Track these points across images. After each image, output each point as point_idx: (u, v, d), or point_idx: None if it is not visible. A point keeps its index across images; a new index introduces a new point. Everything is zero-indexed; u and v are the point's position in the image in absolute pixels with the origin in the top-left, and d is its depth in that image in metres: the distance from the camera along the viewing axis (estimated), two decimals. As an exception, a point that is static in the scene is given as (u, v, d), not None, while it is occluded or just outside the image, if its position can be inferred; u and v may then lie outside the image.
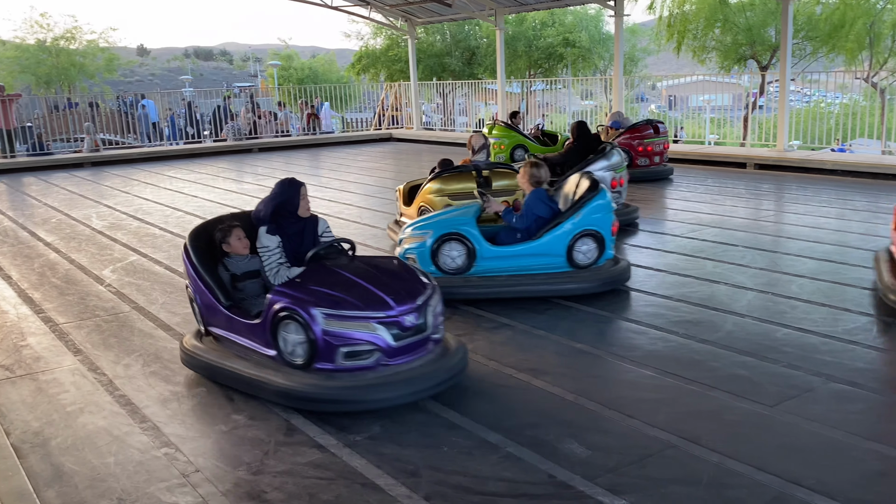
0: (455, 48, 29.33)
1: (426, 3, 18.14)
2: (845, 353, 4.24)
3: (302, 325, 3.65)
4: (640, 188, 10.11)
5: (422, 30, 26.75)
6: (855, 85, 20.53)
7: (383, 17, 20.38)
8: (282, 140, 19.01)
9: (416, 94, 20.63)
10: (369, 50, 30.33)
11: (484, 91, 22.35)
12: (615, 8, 14.63)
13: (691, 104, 27.07)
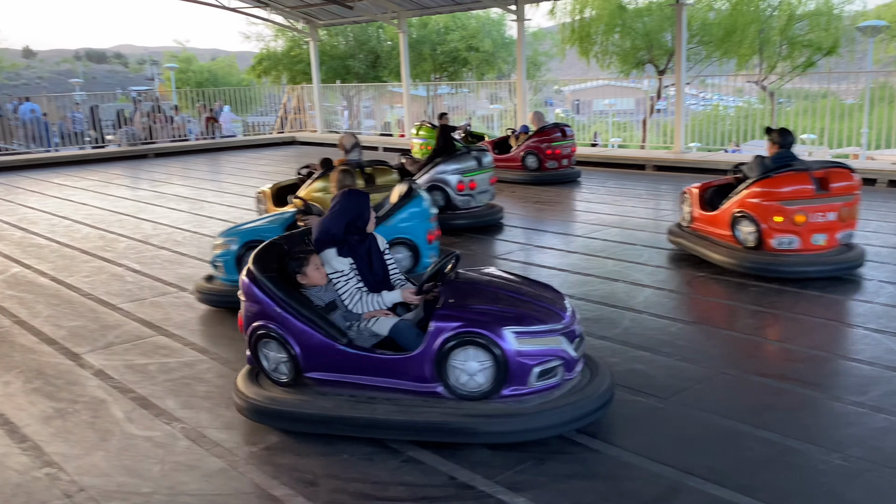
0: (359, 50, 29.14)
1: (327, 5, 17.92)
2: (737, 344, 4.39)
3: (484, 347, 3.19)
4: (549, 191, 10.33)
5: (324, 32, 26.45)
6: (749, 88, 21.57)
7: (283, 19, 20.03)
8: (179, 145, 18.40)
9: (318, 97, 20.37)
10: (270, 52, 29.77)
11: (390, 94, 22.29)
12: (517, 13, 14.84)
13: (596, 108, 27.86)
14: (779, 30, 22.50)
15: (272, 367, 3.56)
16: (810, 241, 5.67)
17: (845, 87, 16.93)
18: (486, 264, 6.47)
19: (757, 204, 5.76)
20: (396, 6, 17.02)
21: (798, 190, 5.66)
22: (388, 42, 29.22)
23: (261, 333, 3.54)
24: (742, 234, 5.88)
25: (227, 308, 5.17)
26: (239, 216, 9.11)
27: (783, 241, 5.69)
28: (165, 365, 4.37)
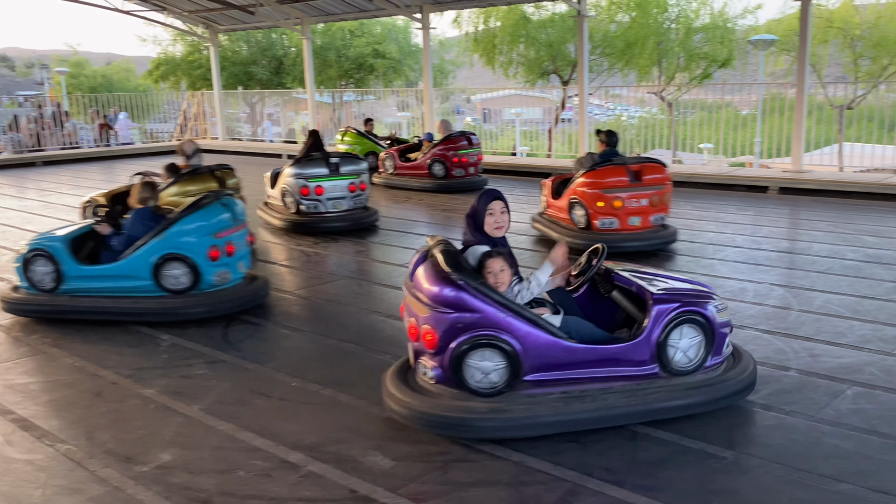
0: (262, 57, 28.56)
1: (228, 9, 17.50)
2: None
3: (698, 324, 3.50)
4: (452, 198, 10.36)
5: (225, 37, 25.84)
6: (651, 99, 22.32)
7: (182, 24, 19.44)
8: (71, 153, 17.55)
9: (220, 103, 19.85)
10: (168, 56, 28.82)
11: (295, 101, 21.94)
12: (422, 21, 14.88)
13: (504, 117, 28.23)
14: (677, 42, 23.40)
15: (479, 378, 3.34)
16: (627, 222, 6.90)
17: (741, 99, 17.77)
18: (349, 263, 6.43)
19: (585, 192, 6.96)
20: (300, 12, 16.80)
21: (616, 180, 6.87)
22: (291, 48, 28.78)
23: (475, 344, 3.30)
24: (576, 216, 7.07)
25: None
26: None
27: (605, 222, 6.91)
28: (49, 384, 4.12)
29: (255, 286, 5.44)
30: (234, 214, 5.38)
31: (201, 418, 3.64)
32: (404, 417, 3.41)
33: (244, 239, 5.48)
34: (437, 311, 3.33)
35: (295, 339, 4.76)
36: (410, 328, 3.52)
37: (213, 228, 5.20)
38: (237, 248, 5.32)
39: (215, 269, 5.19)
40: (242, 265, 5.45)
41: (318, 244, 7.69)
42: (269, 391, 3.95)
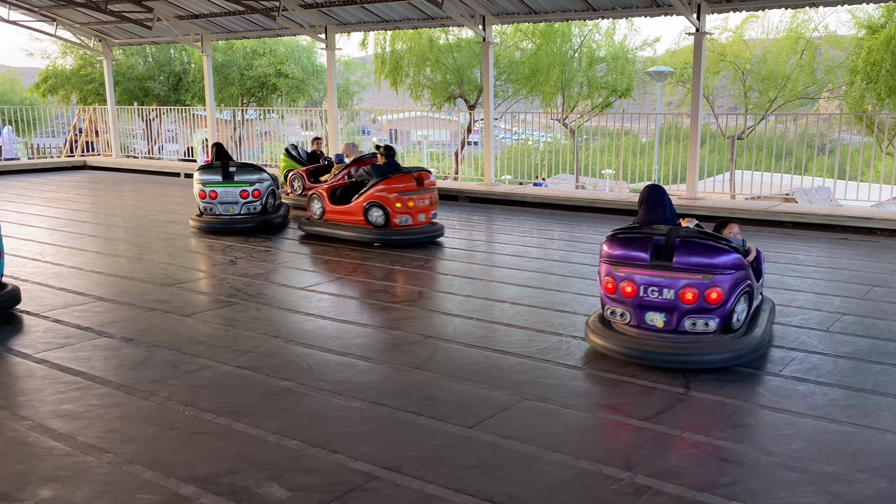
0: (159, 72, 27.69)
1: (123, 23, 16.89)
2: (538, 371, 4.52)
3: None
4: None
5: (120, 51, 24.93)
6: (556, 125, 22.89)
7: (73, 36, 18.62)
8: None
9: (113, 119, 19.09)
10: (57, 69, 27.53)
11: (193, 117, 21.34)
12: (326, 41, 14.78)
13: (412, 139, 28.25)
14: (580, 72, 24.15)
15: (738, 319, 4.62)
16: (417, 218, 8.58)
17: (640, 127, 18.46)
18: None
19: (384, 196, 8.45)
20: (200, 28, 16.40)
21: (407, 186, 8.50)
22: (191, 64, 28.03)
23: (744, 292, 4.61)
24: (373, 217, 8.48)
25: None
26: (16, 248, 8.23)
27: (402, 220, 8.48)
28: (-87, 419, 3.79)
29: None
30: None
31: (85, 450, 3.42)
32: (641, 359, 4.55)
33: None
34: (724, 275, 4.43)
35: (189, 365, 4.56)
36: (684, 294, 4.47)
37: None
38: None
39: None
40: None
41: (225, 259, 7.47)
42: (160, 421, 3.76)
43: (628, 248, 4.66)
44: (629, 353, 4.58)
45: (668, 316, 4.54)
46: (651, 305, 4.57)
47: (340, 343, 5.06)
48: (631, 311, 4.66)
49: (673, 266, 4.49)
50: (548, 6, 12.16)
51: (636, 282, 4.58)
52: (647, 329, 4.64)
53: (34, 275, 6.94)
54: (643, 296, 4.57)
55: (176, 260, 7.88)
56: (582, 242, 8.96)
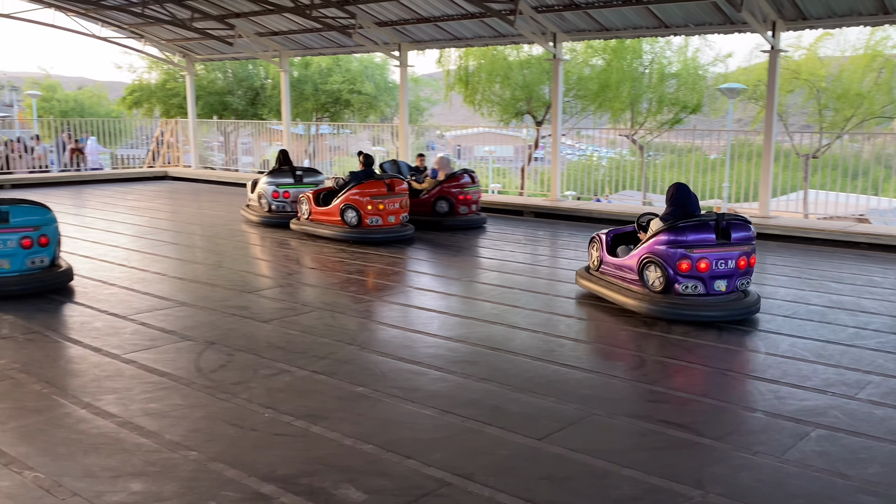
0: (238, 87, 28.62)
1: (206, 40, 17.59)
2: (605, 386, 4.55)
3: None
4: (454, 236, 10.37)
5: (202, 66, 25.88)
6: (622, 141, 22.73)
7: (159, 52, 19.45)
8: (39, 176, 17.36)
9: (194, 132, 19.83)
10: (143, 83, 28.76)
11: (269, 131, 21.99)
12: (400, 58, 15.08)
13: (477, 154, 28.46)
14: (650, 88, 23.95)
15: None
16: (388, 219, 9.55)
17: (709, 143, 18.18)
18: (368, 307, 6.45)
19: (357, 199, 9.47)
20: (278, 45, 16.93)
21: (379, 191, 9.48)
22: (268, 80, 28.88)
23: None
24: (348, 218, 9.51)
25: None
26: (104, 253, 8.66)
27: (372, 220, 9.48)
28: (18, 410, 4.05)
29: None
30: None
31: (172, 448, 3.61)
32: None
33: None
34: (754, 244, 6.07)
35: (267, 370, 4.74)
36: (740, 261, 5.93)
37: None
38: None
39: None
40: None
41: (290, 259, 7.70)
42: (241, 422, 3.93)
43: (697, 232, 5.86)
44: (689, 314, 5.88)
45: (728, 281, 5.92)
46: (719, 275, 5.87)
47: (411, 352, 5.18)
48: (704, 282, 5.88)
49: (731, 242, 5.90)
50: (619, 23, 12.15)
51: (709, 258, 5.80)
52: (714, 294, 5.91)
53: (121, 279, 7.29)
54: (715, 268, 5.84)
55: (253, 268, 8.16)
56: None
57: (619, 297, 6.32)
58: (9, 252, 6.48)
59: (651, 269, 6.02)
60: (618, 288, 6.40)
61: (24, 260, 6.55)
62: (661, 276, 5.95)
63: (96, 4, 15.72)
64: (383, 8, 13.78)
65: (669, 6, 11.15)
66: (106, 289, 6.89)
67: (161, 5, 15.69)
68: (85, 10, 16.80)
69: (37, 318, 5.91)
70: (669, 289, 5.91)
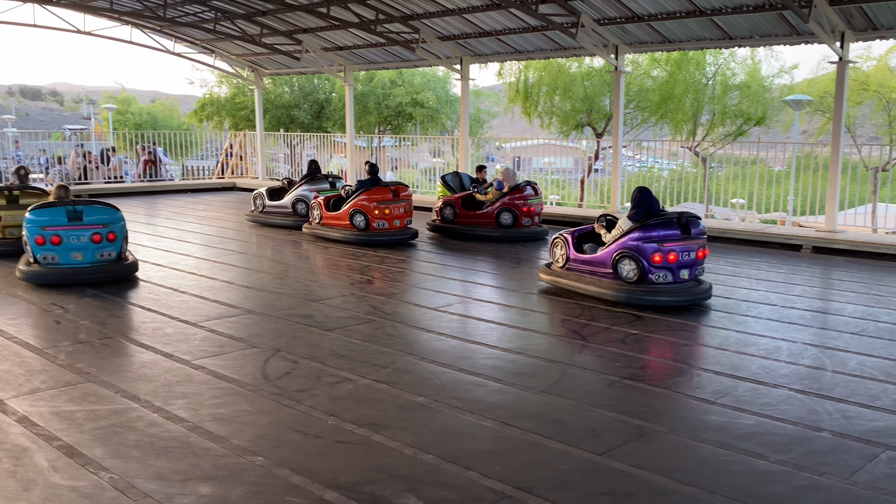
0: (304, 101, 29.26)
1: (274, 55, 18.06)
2: (668, 402, 4.50)
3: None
4: (514, 248, 10.40)
5: (269, 80, 26.52)
6: (683, 152, 22.41)
7: (229, 66, 20.05)
8: (115, 186, 18.04)
9: (261, 144, 20.34)
10: (214, 97, 29.65)
11: (332, 144, 22.40)
12: (461, 72, 15.21)
13: (535, 165, 28.37)
14: (713, 99, 23.56)
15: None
16: (393, 223, 10.34)
17: (773, 155, 17.78)
18: (420, 316, 6.53)
19: (365, 205, 10.26)
20: (343, 59, 17.26)
21: (384, 196, 10.27)
22: (332, 94, 29.43)
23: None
24: (356, 221, 10.31)
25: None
26: (175, 261, 8.97)
27: (379, 224, 10.26)
28: (94, 412, 4.24)
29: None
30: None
31: (239, 453, 3.72)
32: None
33: None
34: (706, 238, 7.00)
35: (330, 377, 4.84)
36: (699, 252, 6.92)
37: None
38: None
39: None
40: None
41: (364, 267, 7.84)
42: (305, 428, 4.03)
43: (665, 229, 6.74)
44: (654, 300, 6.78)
45: (690, 270, 6.87)
46: (684, 265, 6.81)
47: (471, 363, 5.22)
48: (672, 272, 6.76)
49: (692, 236, 6.83)
50: (682, 35, 12.02)
51: (677, 251, 6.72)
52: (680, 282, 6.82)
53: (191, 287, 7.54)
54: (681, 259, 6.76)
55: (317, 278, 8.33)
56: (711, 273, 8.73)
57: (593, 288, 7.11)
58: (81, 246, 7.53)
59: (626, 262, 6.88)
60: (590, 280, 7.18)
61: (94, 253, 7.61)
62: (635, 268, 6.79)
63: (171, 21, 16.31)
64: (446, 22, 13.94)
65: (734, 17, 10.99)
66: (177, 296, 7.13)
67: (232, 21, 16.20)
68: (160, 26, 17.46)
69: (111, 323, 6.16)
70: (643, 279, 6.76)
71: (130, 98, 43.65)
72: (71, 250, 7.48)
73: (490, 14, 13.04)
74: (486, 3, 12.58)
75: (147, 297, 7.08)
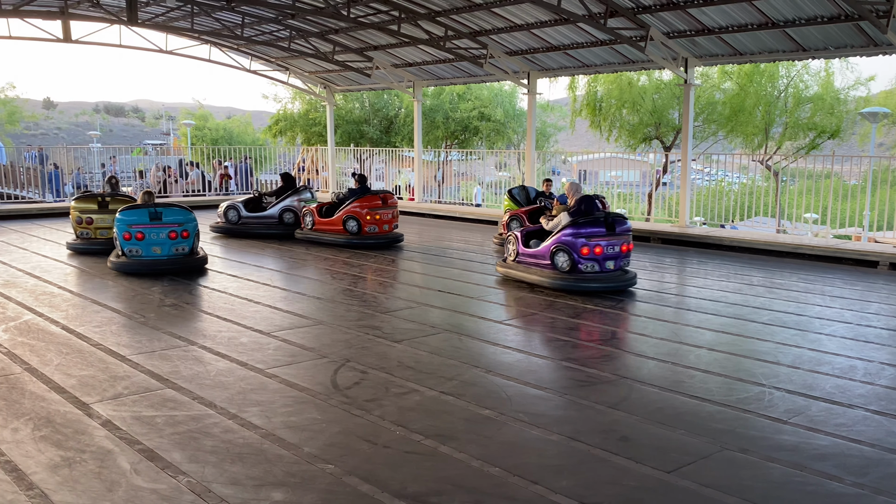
0: (374, 116, 29.77)
1: (345, 71, 18.45)
2: (738, 421, 4.43)
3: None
4: None
5: (340, 97, 27.08)
6: (753, 166, 21.89)
7: (302, 83, 20.57)
8: (193, 199, 18.68)
9: (332, 159, 20.76)
10: (287, 113, 30.43)
11: (400, 158, 22.72)
12: (528, 86, 15.25)
13: (600, 179, 28.17)
14: (786, 112, 22.99)
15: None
16: (383, 228, 11.55)
17: (848, 169, 17.19)
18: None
19: (358, 211, 11.44)
20: (412, 75, 17.52)
21: (375, 203, 11.48)
22: (401, 109, 29.85)
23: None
24: (349, 226, 11.49)
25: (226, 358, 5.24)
26: (249, 272, 9.24)
27: (371, 228, 11.46)
28: (172, 418, 4.42)
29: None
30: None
31: (310, 460, 3.83)
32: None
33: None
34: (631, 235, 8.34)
35: (398, 388, 4.93)
36: (622, 247, 8.26)
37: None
38: None
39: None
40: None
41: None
42: (374, 438, 4.12)
43: (593, 227, 8.08)
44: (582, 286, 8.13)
45: (615, 262, 8.19)
46: (609, 257, 8.12)
47: (536, 377, 5.23)
48: (599, 262, 8.08)
49: (616, 233, 8.16)
50: (754, 47, 11.79)
51: (602, 245, 8.04)
52: (607, 272, 8.16)
53: (265, 298, 7.77)
54: (606, 252, 8.09)
55: (386, 290, 8.46)
56: (783, 290, 8.54)
57: (536, 277, 8.41)
58: (161, 241, 9.06)
59: (560, 255, 8.23)
60: (535, 271, 8.49)
61: (170, 247, 9.12)
62: (567, 260, 8.12)
63: (248, 40, 16.85)
64: (513, 38, 14.02)
65: (808, 29, 10.74)
66: (251, 306, 7.36)
67: (306, 39, 16.65)
68: (237, 45, 18.06)
69: (190, 333, 6.40)
70: (575, 269, 8.08)
71: (207, 114, 45.14)
72: (152, 245, 9.01)
73: (558, 29, 13.06)
74: (554, 19, 12.60)
75: (223, 308, 7.33)
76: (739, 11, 10.85)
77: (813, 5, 10.17)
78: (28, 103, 47.11)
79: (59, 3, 14.64)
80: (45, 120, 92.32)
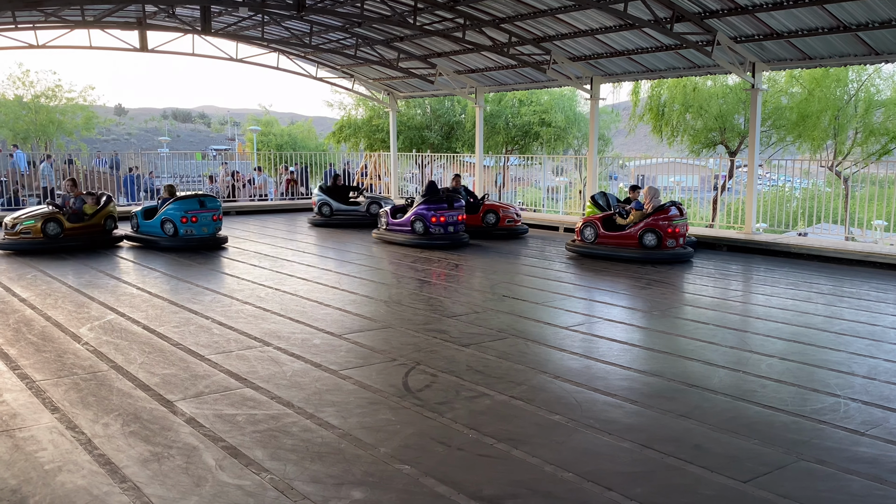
0: (435, 122, 29.99)
1: (408, 78, 18.67)
2: (814, 432, 4.38)
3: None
4: (655, 270, 10.24)
5: (403, 103, 27.37)
6: (817, 171, 21.32)
7: (366, 90, 20.89)
8: (259, 204, 19.14)
9: (395, 164, 21.01)
10: (351, 119, 30.88)
11: (460, 163, 22.84)
12: (591, 91, 15.19)
13: (660, 184, 27.78)
14: (855, 117, 22.35)
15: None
16: (448, 229, 12.56)
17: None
18: (547, 335, 6.60)
19: (423, 213, 12.41)
20: (475, 82, 17.62)
21: (440, 206, 12.48)
22: (463, 115, 30.00)
23: None
24: (416, 227, 12.48)
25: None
26: (318, 276, 9.44)
27: (436, 229, 12.58)
28: (253, 416, 4.58)
29: None
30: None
31: (387, 461, 3.94)
32: None
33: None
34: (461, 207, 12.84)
35: (468, 392, 5.01)
36: (458, 217, 12.67)
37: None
38: None
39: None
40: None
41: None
42: (448, 440, 4.20)
43: (438, 204, 12.28)
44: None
45: (454, 227, 12.44)
46: (449, 223, 12.32)
47: (605, 384, 5.25)
48: (444, 227, 12.26)
49: (454, 207, 12.34)
50: (824, 51, 11.53)
51: (445, 215, 12.20)
52: (448, 234, 12.39)
53: (335, 301, 7.95)
54: (448, 221, 12.19)
55: (451, 294, 8.56)
56: (855, 298, 8.34)
57: (400, 238, 12.59)
58: (208, 223, 11.99)
59: (417, 223, 12.38)
60: (399, 235, 12.65)
61: (214, 227, 12.08)
62: (422, 226, 12.32)
63: (315, 48, 17.22)
64: (577, 43, 14.00)
65: (881, 32, 10.46)
66: (322, 309, 7.55)
67: (371, 47, 16.92)
68: (305, 53, 18.45)
69: (264, 334, 6.60)
70: (427, 232, 12.26)
71: (273, 120, 46.10)
72: (202, 226, 11.89)
73: (622, 34, 12.99)
74: (619, 24, 12.55)
75: (295, 310, 7.53)
76: (810, 15, 10.63)
77: (887, 8, 9.91)
78: (102, 109, 48.83)
79: (136, 14, 15.20)
80: (117, 126, 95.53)
